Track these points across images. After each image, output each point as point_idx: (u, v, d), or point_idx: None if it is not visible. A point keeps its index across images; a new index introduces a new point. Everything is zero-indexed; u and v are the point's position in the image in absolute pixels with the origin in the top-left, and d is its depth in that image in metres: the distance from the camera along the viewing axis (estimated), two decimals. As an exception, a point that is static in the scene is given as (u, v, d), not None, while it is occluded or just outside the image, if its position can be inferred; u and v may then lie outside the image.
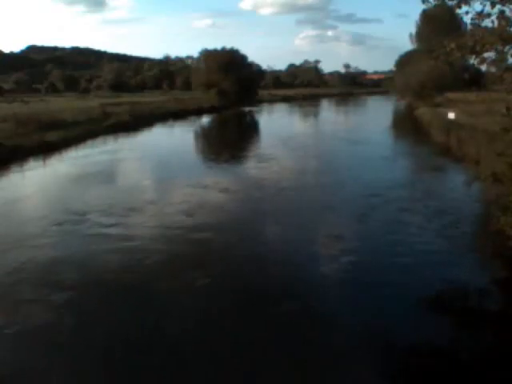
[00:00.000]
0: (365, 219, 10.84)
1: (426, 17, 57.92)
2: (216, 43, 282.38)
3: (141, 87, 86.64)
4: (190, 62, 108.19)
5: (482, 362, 5.49)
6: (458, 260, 8.49)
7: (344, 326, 6.32)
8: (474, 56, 6.50)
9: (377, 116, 47.12)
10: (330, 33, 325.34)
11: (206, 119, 44.33)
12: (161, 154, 22.13)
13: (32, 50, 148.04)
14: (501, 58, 6.37)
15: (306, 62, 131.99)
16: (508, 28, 6.17)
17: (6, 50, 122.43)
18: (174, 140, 29.09)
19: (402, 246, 9.16)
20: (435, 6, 6.78)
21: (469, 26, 6.91)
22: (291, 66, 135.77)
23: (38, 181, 16.20)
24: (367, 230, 10.25)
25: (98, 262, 8.45)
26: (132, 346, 5.88)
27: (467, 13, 6.77)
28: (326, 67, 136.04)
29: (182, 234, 9.88)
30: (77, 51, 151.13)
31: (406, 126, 36.13)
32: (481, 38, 6.29)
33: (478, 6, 6.53)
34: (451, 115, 25.06)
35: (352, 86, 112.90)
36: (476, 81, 44.98)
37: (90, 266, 8.26)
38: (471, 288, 7.41)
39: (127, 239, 9.53)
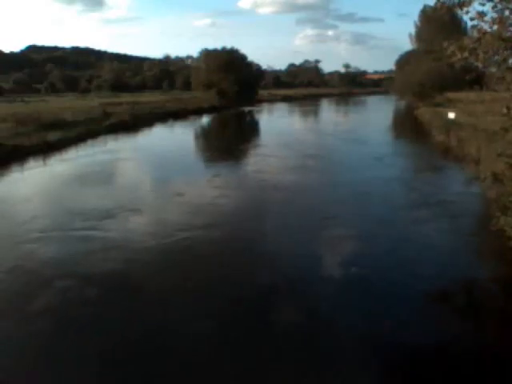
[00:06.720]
0: (364, 219, 10.87)
1: (426, 17, 57.99)
2: (216, 43, 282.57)
3: (141, 87, 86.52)
4: (189, 61, 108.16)
5: (481, 359, 5.52)
6: (456, 259, 8.53)
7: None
8: (474, 57, 6.49)
9: (377, 116, 47.06)
10: (330, 32, 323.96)
11: (206, 119, 44.31)
12: (162, 153, 22.09)
13: (32, 49, 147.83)
14: (502, 59, 6.36)
15: (306, 61, 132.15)
16: (508, 29, 6.17)
17: (6, 50, 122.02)
18: (175, 140, 29.04)
19: (397, 243, 9.18)
20: (436, 9, 6.78)
21: (469, 27, 6.92)
22: (291, 66, 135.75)
23: (38, 180, 16.19)
24: (365, 229, 10.29)
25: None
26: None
27: (467, 12, 6.78)
28: (326, 67, 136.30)
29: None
30: (77, 51, 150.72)
31: (406, 125, 36.13)
32: (481, 40, 6.28)
33: (478, 6, 6.54)
34: (451, 115, 25.06)
35: (352, 86, 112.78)
36: (476, 80, 44.92)
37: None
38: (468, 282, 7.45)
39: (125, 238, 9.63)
